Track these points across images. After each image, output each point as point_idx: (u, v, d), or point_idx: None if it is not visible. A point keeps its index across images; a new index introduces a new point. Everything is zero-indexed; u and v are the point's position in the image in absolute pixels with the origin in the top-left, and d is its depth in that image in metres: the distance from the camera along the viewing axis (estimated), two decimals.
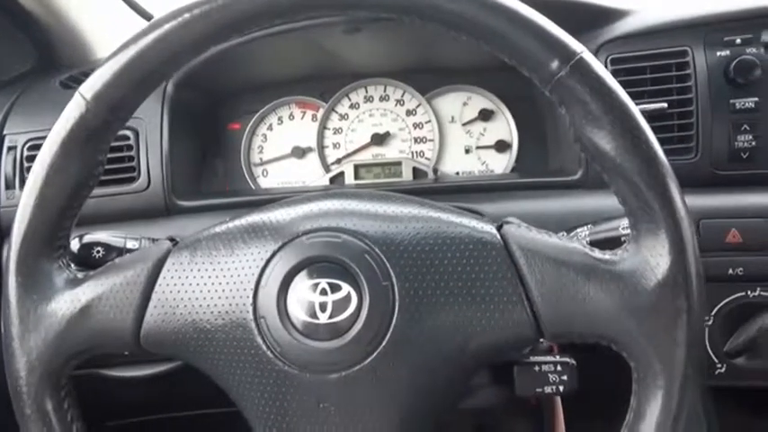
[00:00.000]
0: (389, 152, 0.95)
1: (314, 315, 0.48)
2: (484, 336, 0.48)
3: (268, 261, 0.50)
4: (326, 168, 0.96)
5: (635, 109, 0.46)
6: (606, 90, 0.46)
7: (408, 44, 0.91)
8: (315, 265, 0.49)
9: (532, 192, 0.80)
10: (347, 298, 0.48)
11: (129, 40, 0.48)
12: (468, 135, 0.94)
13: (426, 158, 0.95)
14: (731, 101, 0.72)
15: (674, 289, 0.45)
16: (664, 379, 0.45)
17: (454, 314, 0.48)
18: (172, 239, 0.55)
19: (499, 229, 0.51)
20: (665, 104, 0.74)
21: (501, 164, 0.94)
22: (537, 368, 0.57)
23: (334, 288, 0.48)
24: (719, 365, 0.74)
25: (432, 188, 0.85)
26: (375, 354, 0.47)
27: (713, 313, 0.73)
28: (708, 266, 0.71)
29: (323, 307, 0.48)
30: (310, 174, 0.97)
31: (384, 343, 0.47)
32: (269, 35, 0.83)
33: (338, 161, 0.96)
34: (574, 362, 0.58)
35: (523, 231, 0.50)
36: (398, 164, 0.93)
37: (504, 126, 0.94)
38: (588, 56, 0.47)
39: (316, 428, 0.48)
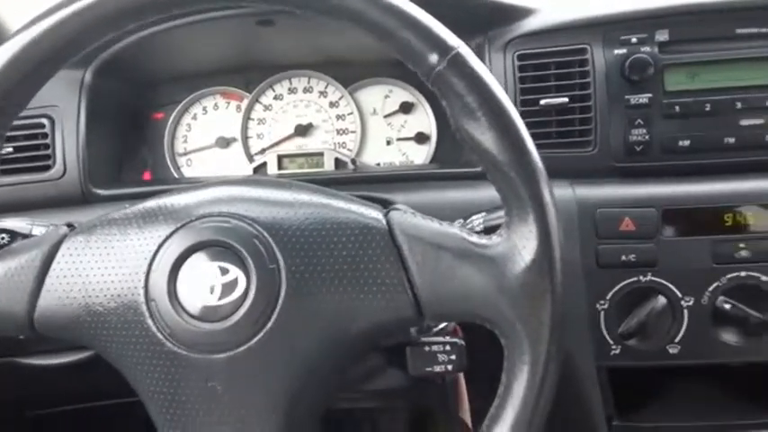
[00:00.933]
0: (312, 143, 0.97)
1: (203, 297, 0.49)
2: (367, 318, 0.51)
3: (161, 245, 0.51)
4: (250, 158, 0.97)
5: (508, 103, 0.49)
6: (481, 84, 0.49)
7: (331, 37, 0.92)
8: (205, 249, 0.50)
9: (445, 182, 0.83)
10: (235, 281, 0.49)
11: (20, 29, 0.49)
12: (390, 127, 0.97)
13: (348, 149, 0.97)
14: (626, 97, 0.77)
15: (539, 272, 0.48)
16: (529, 355, 0.48)
17: (339, 297, 0.50)
18: (70, 225, 0.55)
19: (386, 215, 0.53)
20: (567, 99, 0.78)
21: (421, 155, 0.96)
22: (427, 348, 0.60)
23: (223, 271, 0.50)
24: (615, 347, 0.78)
25: (351, 178, 0.87)
26: (261, 334, 0.49)
27: (608, 297, 0.77)
28: (604, 253, 0.77)
29: (212, 289, 0.49)
30: (234, 164, 0.98)
31: (270, 324, 0.49)
32: (187, 24, 0.84)
33: (262, 151, 0.97)
34: (462, 342, 0.61)
35: (408, 217, 0.52)
36: (321, 155, 0.95)
37: (424, 119, 0.96)
38: (465, 51, 0.49)
39: (204, 407, 0.50)
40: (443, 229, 0.52)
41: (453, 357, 0.60)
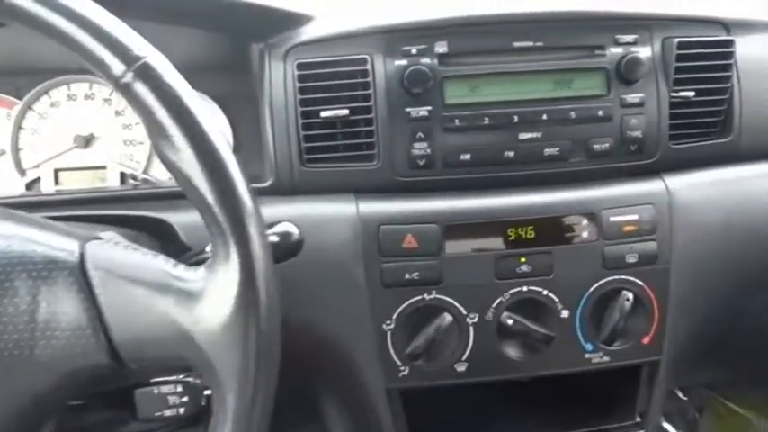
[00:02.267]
0: (95, 155, 0.88)
1: None
2: (53, 368, 0.44)
3: None
4: (22, 173, 0.87)
5: (203, 120, 0.44)
6: (173, 99, 0.43)
7: None
8: None
9: None
10: None
11: None
12: None
13: (137, 162, 0.89)
14: (407, 109, 0.74)
15: (242, 312, 0.43)
16: (235, 399, 0.43)
17: (13, 346, 0.43)
18: None
19: (83, 246, 0.46)
20: (348, 111, 0.74)
21: None
22: (156, 391, 0.54)
23: None
24: (403, 368, 0.76)
25: (136, 195, 0.79)
26: None
27: (394, 317, 0.74)
28: (388, 272, 0.74)
29: None
30: (3, 179, 0.87)
31: None
32: None
33: (36, 165, 0.87)
34: (197, 381, 0.56)
35: (106, 248, 0.46)
36: (103, 168, 0.86)
37: (221, 127, 0.90)
38: (156, 60, 0.44)
39: None
40: (144, 261, 0.46)
41: (186, 399, 0.54)
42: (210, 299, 0.44)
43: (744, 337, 1.05)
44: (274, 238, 0.59)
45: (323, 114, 0.74)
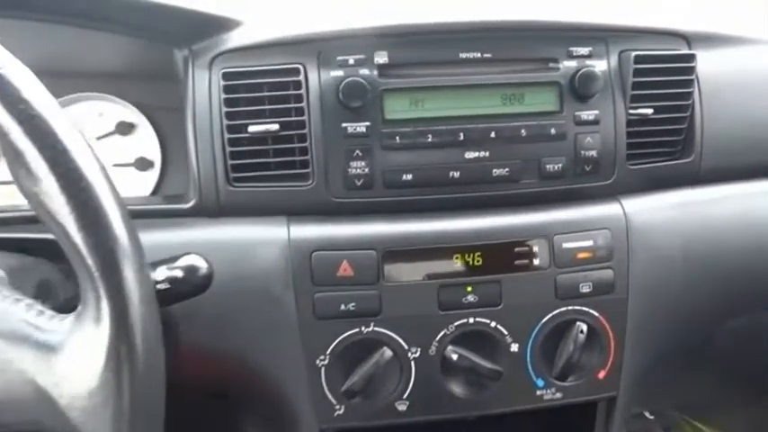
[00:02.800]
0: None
1: None
2: None
3: None
4: None
5: (70, 141, 0.37)
6: (30, 117, 0.36)
7: (26, 41, 0.77)
8: None
9: (154, 220, 0.70)
10: None
11: None
12: (103, 152, 0.82)
13: None
14: (344, 125, 0.68)
15: (115, 365, 0.37)
16: None
17: None
18: None
19: None
20: (278, 126, 0.67)
21: (143, 185, 0.83)
22: None
23: None
24: (338, 407, 0.69)
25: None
26: None
27: (328, 352, 0.68)
28: (321, 303, 0.68)
29: None
30: None
31: None
32: None
33: None
34: None
35: None
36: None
37: (147, 141, 0.83)
38: (10, 71, 0.37)
39: None
40: (2, 307, 0.39)
41: None
42: (75, 354, 0.37)
43: (713, 364, 1.01)
44: (178, 273, 0.52)
45: (251, 129, 0.67)
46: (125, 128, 0.82)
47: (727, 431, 1.53)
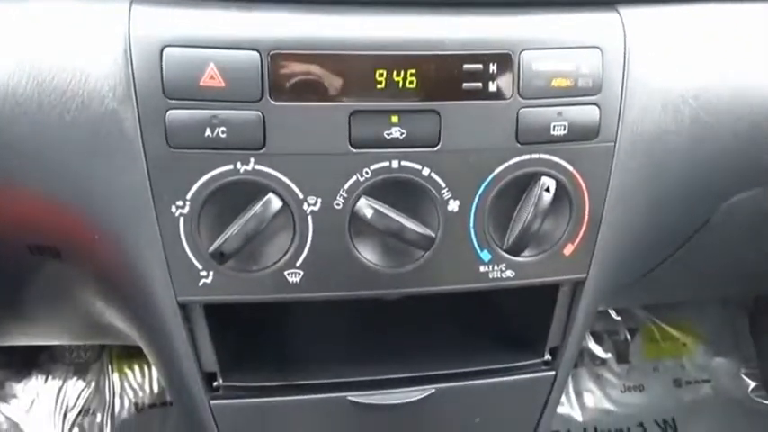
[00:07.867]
0: None
1: None
2: None
3: None
4: None
5: None
6: None
7: None
8: None
9: None
10: None
11: None
12: None
13: None
14: None
15: None
16: None
17: None
18: None
19: None
20: None
21: None
22: None
23: None
24: (204, 273, 0.51)
25: None
26: None
27: (189, 197, 0.49)
28: (176, 125, 0.47)
29: None
30: None
31: None
32: None
33: None
34: None
35: None
36: None
37: None
38: None
39: None
40: None
41: None
42: None
43: (696, 256, 0.83)
44: None
45: None
46: None
47: (698, 336, 1.42)
